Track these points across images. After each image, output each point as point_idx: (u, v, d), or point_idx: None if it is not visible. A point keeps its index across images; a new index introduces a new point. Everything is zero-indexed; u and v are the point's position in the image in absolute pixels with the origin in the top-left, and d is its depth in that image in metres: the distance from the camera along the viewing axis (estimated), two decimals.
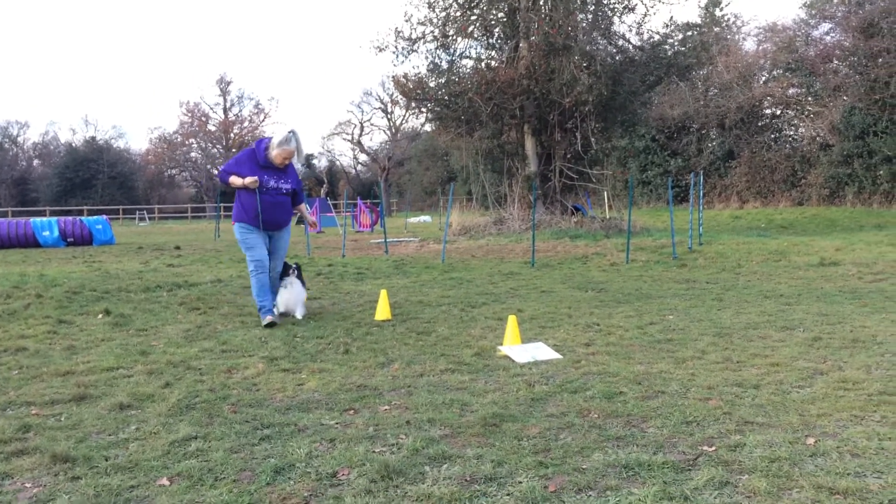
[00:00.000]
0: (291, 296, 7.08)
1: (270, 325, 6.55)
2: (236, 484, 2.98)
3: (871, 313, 6.95)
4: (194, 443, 3.45)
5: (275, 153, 6.72)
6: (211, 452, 3.33)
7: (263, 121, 67.28)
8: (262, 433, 3.60)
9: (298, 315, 7.05)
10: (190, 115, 64.72)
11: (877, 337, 5.76)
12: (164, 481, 3.01)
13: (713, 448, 3.31)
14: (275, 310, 6.92)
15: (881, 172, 25.73)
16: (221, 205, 32.46)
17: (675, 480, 2.95)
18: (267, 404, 4.12)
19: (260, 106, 71.49)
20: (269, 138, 6.85)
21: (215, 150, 64.92)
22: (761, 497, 2.77)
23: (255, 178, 6.64)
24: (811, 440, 3.37)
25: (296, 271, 7.16)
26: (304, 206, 7.46)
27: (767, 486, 2.85)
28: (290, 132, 6.74)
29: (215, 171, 63.89)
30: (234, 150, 63.89)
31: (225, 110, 65.92)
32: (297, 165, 7.22)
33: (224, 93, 65.98)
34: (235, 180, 6.74)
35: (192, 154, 65.32)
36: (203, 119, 64.89)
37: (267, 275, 6.86)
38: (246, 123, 66.55)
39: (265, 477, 3.03)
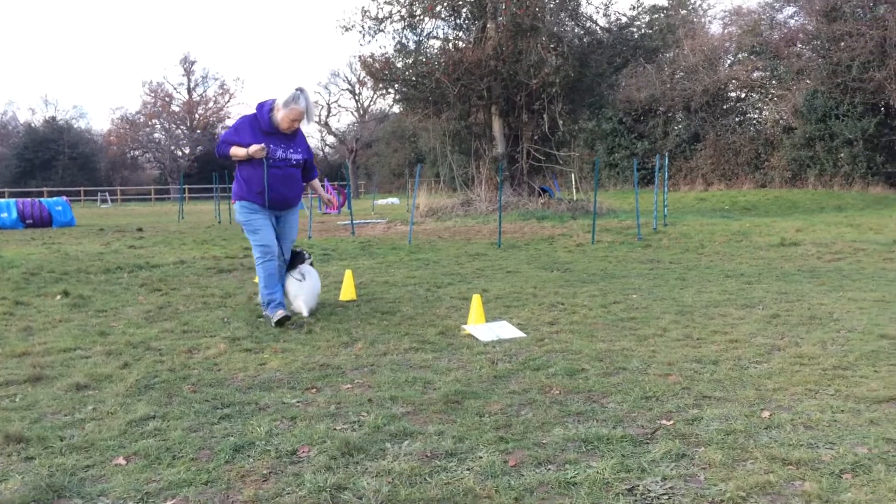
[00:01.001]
0: (304, 289, 6.08)
1: (283, 320, 5.60)
2: (194, 462, 2.95)
3: (829, 291, 7.09)
4: (152, 422, 3.41)
5: (281, 115, 5.73)
6: (169, 431, 3.29)
7: (228, 101, 66.30)
8: (221, 412, 3.57)
9: (306, 312, 6.02)
10: (153, 95, 63.49)
11: (833, 314, 5.88)
12: (121, 460, 2.97)
13: (671, 422, 3.35)
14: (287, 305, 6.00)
15: (842, 155, 26.18)
16: (185, 187, 31.99)
17: (633, 453, 2.98)
18: (228, 384, 4.08)
19: (225, 86, 70.10)
20: (272, 100, 5.84)
21: (179, 130, 63.84)
22: (716, 468, 2.81)
23: (262, 145, 5.66)
24: (766, 413, 3.43)
25: (309, 259, 6.31)
26: (317, 182, 6.52)
27: (723, 458, 2.89)
28: (297, 89, 5.74)
29: (179, 153, 62.96)
30: (198, 131, 62.88)
31: (189, 90, 64.78)
32: (308, 128, 6.31)
33: (188, 72, 64.80)
34: (237, 151, 5.74)
35: (156, 135, 64.07)
36: (166, 99, 63.69)
37: (276, 262, 5.91)
38: (211, 104, 65.46)
39: (224, 455, 3.00)
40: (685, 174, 31.93)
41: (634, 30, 21.24)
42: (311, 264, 6.34)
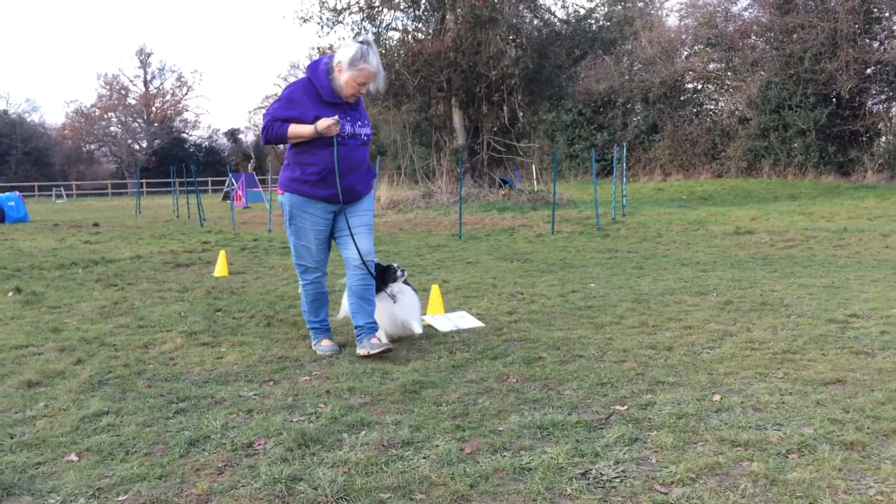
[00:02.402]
0: (403, 310, 4.78)
1: (330, 352, 4.55)
2: (148, 457, 2.92)
3: (781, 278, 7.25)
4: (105, 418, 3.36)
5: (346, 78, 4.34)
6: (123, 427, 3.25)
7: (186, 94, 65.34)
8: (177, 406, 3.54)
9: (417, 330, 4.82)
10: (108, 87, 62.24)
11: (784, 300, 6.02)
12: (73, 457, 2.93)
13: (625, 407, 3.41)
14: (380, 335, 4.60)
15: (795, 145, 26.71)
16: (143, 181, 31.43)
17: (587, 438, 3.03)
18: (184, 378, 4.04)
19: (183, 78, 68.96)
20: (327, 58, 4.49)
21: (136, 124, 62.70)
22: (667, 451, 2.87)
23: (336, 118, 4.33)
24: (717, 397, 3.51)
25: (403, 275, 4.90)
26: None
27: (674, 441, 2.95)
28: (362, 42, 4.40)
29: (136, 147, 61.74)
30: (156, 124, 61.76)
31: (146, 83, 63.64)
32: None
33: (144, 65, 63.64)
34: (301, 130, 4.36)
35: (112, 128, 62.83)
36: (122, 92, 62.49)
37: (325, 280, 4.70)
38: (168, 97, 64.42)
39: (178, 449, 2.98)
40: (644, 165, 32.30)
41: (592, 21, 21.42)
42: (406, 281, 4.95)
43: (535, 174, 23.19)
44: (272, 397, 3.67)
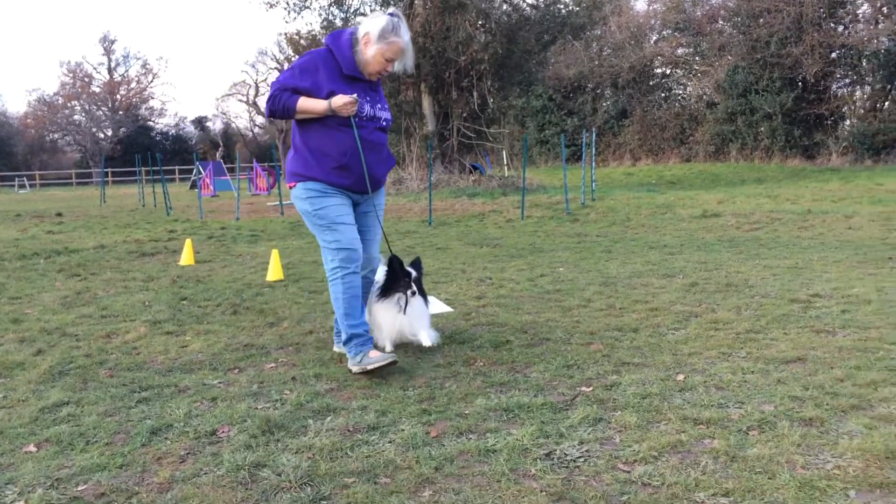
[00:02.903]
0: (412, 313, 4.09)
1: (377, 369, 3.69)
2: (108, 447, 2.88)
3: (746, 259, 7.34)
4: (66, 408, 3.31)
5: (373, 52, 3.79)
6: (83, 417, 3.20)
7: (152, 81, 64.31)
8: (139, 396, 3.49)
9: (427, 342, 4.06)
10: (71, 75, 60.96)
11: (749, 281, 6.09)
12: (31, 448, 2.88)
13: (590, 388, 3.43)
14: (382, 341, 4.10)
15: (762, 129, 27.01)
16: (108, 170, 30.89)
17: (552, 420, 3.04)
18: (147, 367, 3.99)
19: (148, 66, 68.01)
20: (352, 29, 3.91)
21: (100, 112, 61.58)
22: (631, 430, 2.89)
23: (354, 96, 3.76)
24: (681, 376, 3.55)
25: (413, 295, 4.10)
26: None
27: (638, 421, 2.98)
28: (392, 15, 3.85)
29: (101, 136, 60.68)
30: (121, 112, 60.73)
31: (110, 70, 62.43)
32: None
33: (108, 52, 62.38)
34: (313, 105, 3.76)
35: (76, 117, 61.61)
36: (86, 80, 61.24)
37: (360, 275, 3.95)
38: (133, 84, 63.26)
39: (140, 438, 2.94)
40: (614, 150, 32.47)
41: (561, 6, 21.43)
42: (419, 280, 4.25)
43: (505, 160, 23.21)
44: (237, 385, 3.64)
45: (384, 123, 4.04)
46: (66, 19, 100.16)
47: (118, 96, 61.99)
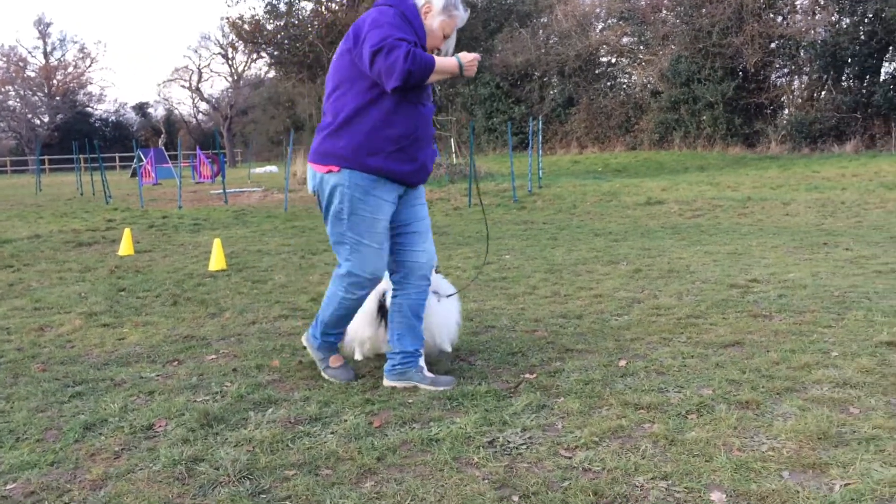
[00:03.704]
0: (441, 317, 3.64)
1: (347, 378, 3.47)
2: (40, 443, 2.78)
3: (688, 246, 7.47)
4: None
5: (438, 23, 3.25)
6: (13, 413, 3.09)
7: (90, 66, 62.40)
8: (73, 390, 3.38)
9: (447, 347, 3.67)
10: (5, 59, 58.80)
11: (690, 267, 6.20)
12: None
13: (534, 375, 3.44)
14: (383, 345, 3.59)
15: (704, 118, 27.52)
16: (45, 158, 29.89)
17: (496, 407, 3.04)
18: (82, 361, 3.87)
19: (86, 50, 66.07)
20: None
21: (36, 98, 59.58)
22: (573, 416, 2.92)
23: (477, 53, 3.28)
24: (623, 362, 3.59)
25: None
26: None
27: (580, 406, 3.00)
28: None
29: (37, 122, 58.69)
30: (58, 98, 58.79)
31: (45, 54, 60.40)
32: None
33: (43, 35, 60.34)
34: (447, 63, 3.15)
35: (10, 102, 59.48)
36: (20, 64, 59.15)
37: (367, 292, 3.42)
38: (71, 69, 61.31)
39: (73, 434, 2.85)
40: (560, 138, 32.70)
41: None
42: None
43: (453, 147, 23.19)
44: (175, 377, 3.55)
45: (433, 108, 3.46)
46: None
47: (55, 81, 60.04)
